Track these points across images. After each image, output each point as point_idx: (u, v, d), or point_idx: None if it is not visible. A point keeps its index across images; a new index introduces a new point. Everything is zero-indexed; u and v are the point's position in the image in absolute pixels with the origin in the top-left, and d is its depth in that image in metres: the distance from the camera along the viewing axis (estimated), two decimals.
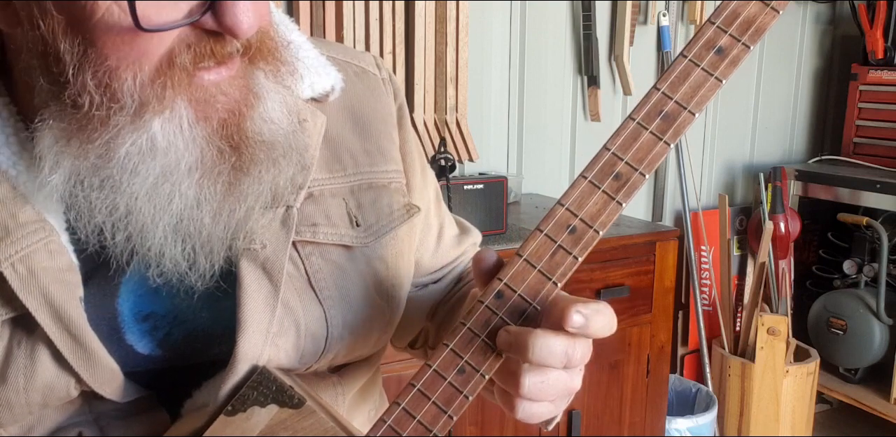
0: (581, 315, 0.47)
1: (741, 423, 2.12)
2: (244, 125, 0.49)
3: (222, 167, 0.49)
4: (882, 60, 2.24)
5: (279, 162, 0.52)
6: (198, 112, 0.47)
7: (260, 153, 0.50)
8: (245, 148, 0.49)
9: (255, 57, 0.50)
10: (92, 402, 0.54)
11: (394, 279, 0.64)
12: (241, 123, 0.49)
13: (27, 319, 0.50)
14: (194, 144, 0.48)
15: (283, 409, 0.51)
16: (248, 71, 0.50)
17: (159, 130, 0.47)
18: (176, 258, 0.50)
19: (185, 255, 0.50)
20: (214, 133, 0.48)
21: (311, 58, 0.61)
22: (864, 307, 2.18)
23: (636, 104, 0.49)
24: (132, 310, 0.54)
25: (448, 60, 1.74)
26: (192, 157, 0.48)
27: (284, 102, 0.52)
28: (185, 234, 0.50)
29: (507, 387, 0.50)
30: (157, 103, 0.46)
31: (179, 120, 0.47)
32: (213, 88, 0.48)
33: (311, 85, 0.61)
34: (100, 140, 0.46)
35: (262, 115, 0.50)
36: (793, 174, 2.31)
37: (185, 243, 0.50)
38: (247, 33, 0.46)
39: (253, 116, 0.50)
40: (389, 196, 0.65)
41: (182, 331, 0.56)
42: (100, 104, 0.46)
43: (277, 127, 0.51)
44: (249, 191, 0.51)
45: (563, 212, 0.49)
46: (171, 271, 0.51)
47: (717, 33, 0.48)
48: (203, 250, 0.51)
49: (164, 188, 0.48)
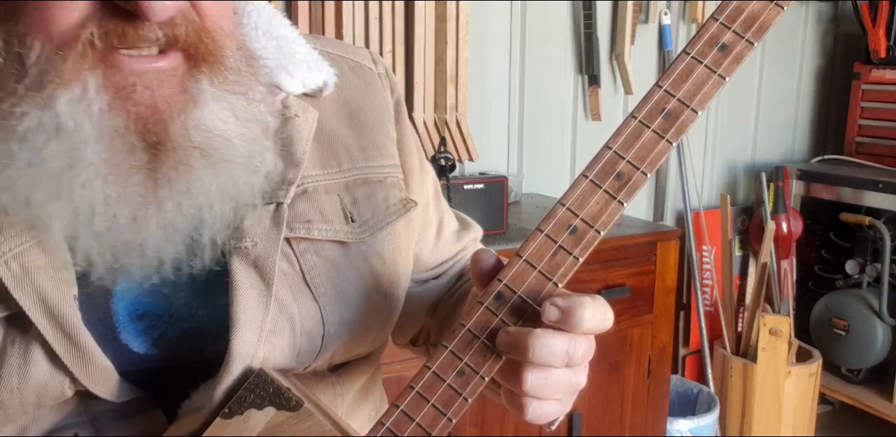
0: (556, 308, 0.47)
1: (743, 424, 2.12)
2: (167, 126, 0.47)
3: (135, 165, 0.46)
4: (884, 59, 2.24)
5: (223, 171, 0.49)
6: (113, 99, 0.45)
7: (191, 160, 0.48)
8: (168, 151, 0.47)
9: (196, 59, 0.48)
10: (88, 403, 0.53)
11: (391, 275, 0.63)
12: (163, 123, 0.47)
13: (21, 317, 0.49)
14: (103, 133, 0.45)
15: (280, 411, 0.51)
16: (188, 74, 0.48)
17: (65, 109, 0.45)
18: (90, 254, 0.48)
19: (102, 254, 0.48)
20: (129, 127, 0.46)
21: (303, 53, 0.61)
22: (866, 308, 2.18)
23: (638, 102, 0.49)
24: (127, 309, 0.54)
25: (448, 60, 1.74)
26: (99, 147, 0.45)
27: (233, 109, 0.50)
28: (100, 231, 0.47)
29: (509, 385, 0.50)
30: (58, 76, 0.44)
31: (89, 103, 0.45)
32: (132, 76, 0.46)
33: (303, 80, 0.60)
34: (1, 106, 0.45)
35: (196, 121, 0.48)
36: (795, 174, 2.31)
37: (102, 241, 0.48)
38: (157, 16, 0.44)
39: (183, 120, 0.47)
40: (385, 191, 0.64)
41: (177, 330, 0.55)
42: (5, 69, 0.45)
43: (217, 136, 0.49)
44: (178, 197, 0.48)
45: (563, 212, 0.48)
46: (95, 270, 0.49)
47: (721, 30, 0.48)
48: (134, 252, 0.49)
49: (67, 176, 0.46)
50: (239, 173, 0.51)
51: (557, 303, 0.47)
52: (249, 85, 0.52)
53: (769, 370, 2.06)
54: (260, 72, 0.55)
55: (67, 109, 0.45)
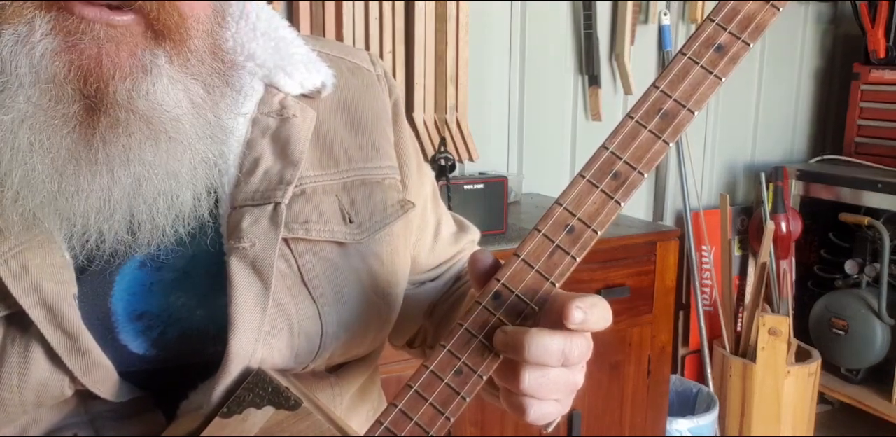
0: (581, 311, 0.47)
1: (742, 423, 2.12)
2: (110, 86, 0.46)
3: (65, 114, 0.45)
4: (884, 60, 2.24)
5: (165, 147, 0.48)
6: (58, 46, 0.45)
7: (132, 126, 0.47)
8: (107, 110, 0.46)
9: (158, 30, 0.47)
10: (87, 402, 0.53)
11: (389, 276, 0.63)
12: (105, 80, 0.46)
13: (21, 316, 0.49)
14: (38, 78, 0.44)
15: (279, 411, 0.51)
16: (146, 42, 0.47)
17: (8, 48, 0.44)
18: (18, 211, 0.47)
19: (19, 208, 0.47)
20: (67, 76, 0.45)
21: (301, 54, 0.61)
22: (865, 308, 2.18)
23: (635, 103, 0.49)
24: (126, 309, 0.54)
25: (448, 60, 1.74)
26: (33, 91, 0.44)
27: (189, 94, 0.49)
28: (21, 184, 0.46)
29: (508, 385, 0.50)
30: (3, 12, 0.44)
31: (32, 46, 0.44)
32: (84, 25, 0.45)
33: (301, 81, 0.60)
34: None
35: (143, 90, 0.47)
36: (794, 174, 2.31)
37: (25, 194, 0.46)
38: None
39: (129, 85, 0.46)
40: (383, 192, 0.64)
41: (176, 331, 0.55)
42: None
43: (164, 111, 0.48)
44: (108, 161, 0.47)
45: (560, 211, 0.49)
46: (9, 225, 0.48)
47: (717, 31, 0.48)
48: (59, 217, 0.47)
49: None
50: (185, 157, 0.50)
51: (580, 306, 0.47)
52: (211, 77, 0.51)
53: (768, 370, 2.07)
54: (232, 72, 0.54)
55: (10, 48, 0.44)
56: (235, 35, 0.58)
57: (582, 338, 0.49)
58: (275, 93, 0.60)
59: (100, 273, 0.53)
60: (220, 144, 0.52)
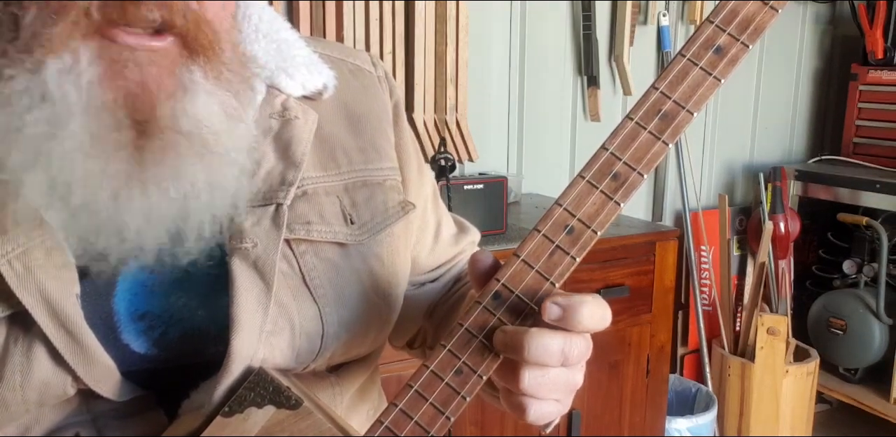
0: (557, 306, 0.47)
1: (741, 423, 2.12)
2: (155, 108, 0.47)
3: (120, 141, 0.46)
4: (882, 60, 2.24)
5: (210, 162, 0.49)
6: (104, 74, 0.46)
7: (179, 146, 0.48)
8: (155, 132, 0.47)
9: (193, 48, 0.48)
10: (90, 402, 0.53)
11: (390, 277, 0.64)
12: (151, 103, 0.47)
13: (24, 316, 0.50)
14: (89, 106, 0.45)
15: (280, 410, 0.51)
16: (183, 62, 0.48)
17: (54, 77, 0.45)
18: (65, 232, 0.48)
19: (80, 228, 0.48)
20: (117, 102, 0.46)
21: (302, 56, 0.61)
22: (863, 307, 2.18)
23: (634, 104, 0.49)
24: (128, 309, 0.54)
25: (448, 60, 1.74)
26: (84, 118, 0.45)
27: (224, 106, 0.50)
28: (77, 206, 0.47)
29: (507, 384, 0.50)
30: (48, 42, 0.44)
31: (79, 74, 0.45)
32: (126, 52, 0.46)
33: (303, 83, 0.60)
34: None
35: (185, 109, 0.48)
36: (792, 174, 2.31)
37: (81, 217, 0.47)
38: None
39: (172, 105, 0.48)
40: (384, 193, 0.64)
41: (178, 330, 0.55)
42: (2, 33, 0.45)
43: (205, 127, 0.49)
44: (160, 179, 0.48)
45: (560, 212, 0.49)
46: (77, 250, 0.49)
47: (716, 32, 0.48)
48: (111, 235, 0.48)
49: (47, 146, 0.45)
50: (227, 169, 0.51)
51: (558, 301, 0.47)
52: (239, 85, 0.52)
53: (767, 370, 2.07)
54: (253, 76, 0.55)
55: (56, 77, 0.45)
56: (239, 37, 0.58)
57: (581, 338, 0.49)
58: (277, 94, 0.60)
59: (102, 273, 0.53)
60: (254, 151, 0.53)
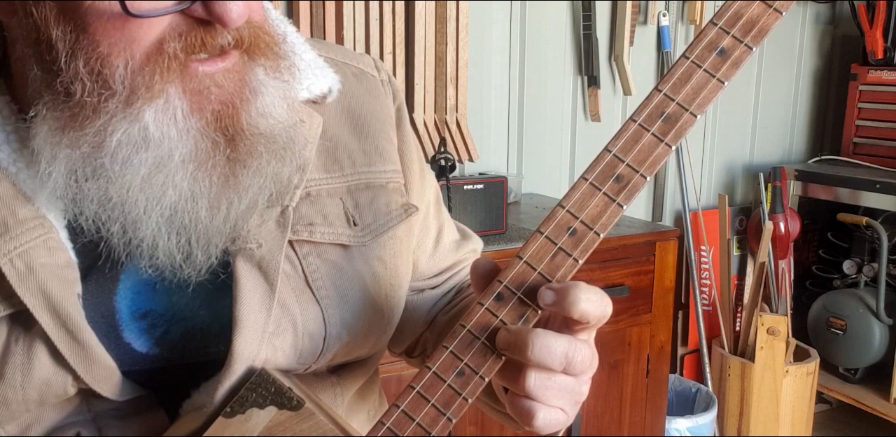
0: (550, 290, 0.47)
1: (741, 423, 2.13)
2: (239, 118, 0.49)
3: (217, 159, 0.49)
4: (882, 60, 2.24)
5: (281, 155, 0.52)
6: (192, 103, 0.47)
7: (259, 146, 0.50)
8: (241, 140, 0.50)
9: (253, 52, 0.50)
10: (90, 401, 0.54)
11: (392, 279, 0.64)
12: (235, 115, 0.49)
13: (25, 315, 0.50)
14: (188, 136, 0.48)
15: (281, 411, 0.51)
16: (247, 66, 0.50)
17: (152, 121, 0.47)
18: (170, 250, 0.51)
19: (180, 247, 0.51)
20: (209, 125, 0.48)
21: (307, 60, 0.61)
22: (863, 307, 2.18)
23: (638, 105, 0.49)
24: (130, 308, 0.54)
25: (448, 60, 1.74)
26: (185, 148, 0.48)
27: (285, 97, 0.52)
28: (179, 226, 0.50)
29: (511, 386, 0.50)
30: (147, 91, 0.46)
31: (173, 111, 0.47)
32: (207, 80, 0.48)
33: (308, 87, 0.61)
34: (91, 128, 0.47)
35: (259, 109, 0.50)
36: (792, 174, 2.31)
37: (181, 236, 0.50)
38: (236, 22, 0.46)
39: (249, 109, 0.50)
40: (387, 196, 0.65)
41: (180, 330, 0.56)
42: (91, 91, 0.46)
43: (276, 122, 0.51)
44: (249, 183, 0.51)
45: (563, 214, 0.49)
46: (165, 264, 0.51)
47: (720, 34, 0.48)
48: (199, 243, 0.51)
49: (158, 179, 0.48)
50: (288, 158, 0.53)
51: (551, 286, 0.48)
52: (289, 69, 0.54)
53: (767, 370, 2.07)
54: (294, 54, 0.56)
55: (154, 119, 0.47)
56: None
57: (585, 344, 0.49)
58: None
59: (105, 272, 0.53)
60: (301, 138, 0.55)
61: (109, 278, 0.54)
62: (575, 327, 0.49)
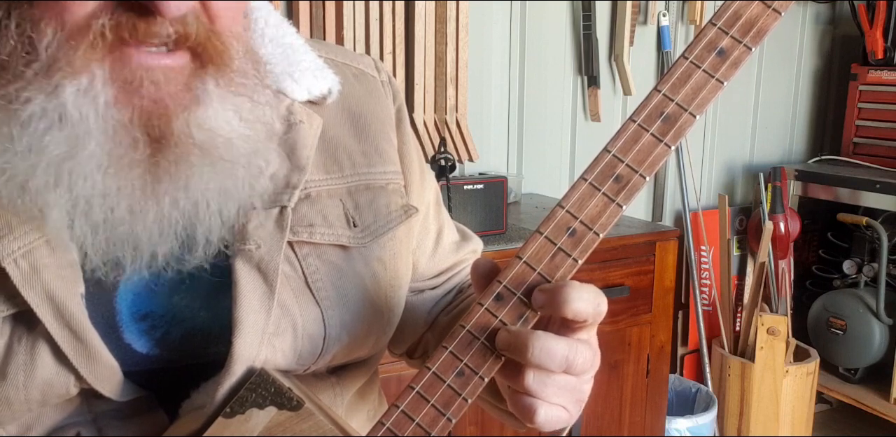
0: (541, 292, 0.47)
1: (741, 423, 2.13)
2: (171, 122, 0.47)
3: (136, 159, 0.47)
4: (882, 60, 2.24)
5: (223, 170, 0.50)
6: (119, 93, 0.46)
7: (191, 157, 0.48)
8: (169, 146, 0.48)
9: (204, 59, 0.49)
10: (91, 402, 0.54)
11: (392, 280, 0.64)
12: (167, 118, 0.47)
13: (28, 315, 0.50)
14: (107, 126, 0.46)
15: (281, 411, 0.51)
16: (195, 73, 0.49)
17: (71, 100, 0.45)
18: (86, 244, 0.49)
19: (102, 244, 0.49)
20: (132, 121, 0.46)
21: (307, 60, 0.61)
22: (863, 307, 2.18)
23: (637, 106, 0.49)
24: (130, 309, 0.54)
25: (448, 60, 1.74)
26: (102, 138, 0.46)
27: (238, 111, 0.51)
28: (96, 222, 0.48)
29: (511, 383, 0.50)
30: (68, 65, 0.45)
31: (95, 95, 0.45)
32: (140, 71, 0.46)
33: (308, 88, 0.61)
34: (4, 90, 0.45)
35: (199, 120, 0.48)
36: (792, 174, 2.31)
37: (98, 232, 0.48)
38: (171, 11, 0.44)
39: (186, 117, 0.48)
40: (387, 197, 0.64)
41: (180, 331, 0.55)
42: (13, 51, 0.45)
43: (219, 136, 0.49)
44: (178, 194, 0.49)
45: (563, 214, 0.49)
46: (96, 264, 0.50)
47: (719, 35, 0.48)
48: (129, 246, 0.49)
49: (67, 165, 0.46)
50: (239, 173, 0.51)
51: (543, 288, 0.48)
52: (255, 88, 0.52)
53: (767, 370, 2.07)
54: (266, 76, 0.55)
55: (73, 99, 0.45)
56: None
57: (586, 346, 0.49)
58: (282, 99, 0.60)
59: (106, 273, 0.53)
60: (267, 151, 0.54)
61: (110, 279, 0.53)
62: (572, 326, 0.49)
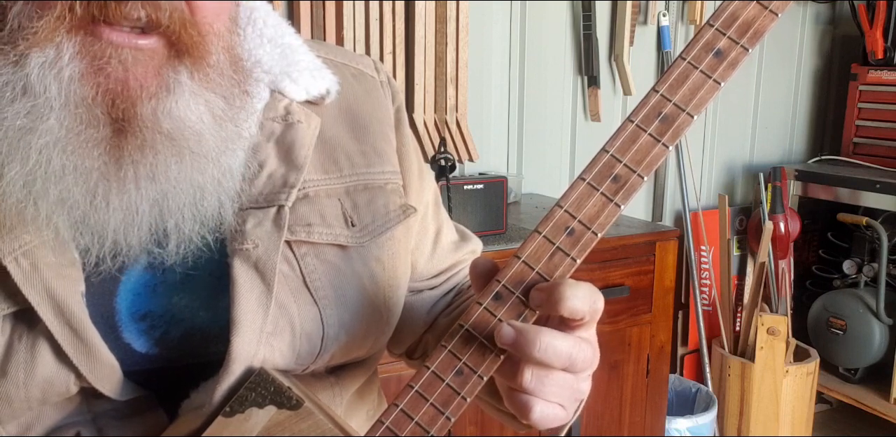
0: (538, 291, 0.48)
1: (741, 423, 2.13)
2: (136, 107, 0.47)
3: (96, 138, 0.46)
4: (882, 60, 2.24)
5: (189, 162, 0.50)
6: (86, 68, 0.46)
7: (157, 144, 0.48)
8: (134, 131, 0.47)
9: (179, 49, 0.49)
10: (91, 401, 0.54)
11: (390, 279, 0.64)
12: (132, 101, 0.47)
13: (29, 313, 0.50)
14: (69, 100, 0.45)
15: (281, 410, 0.51)
16: (168, 62, 0.48)
17: (36, 71, 0.45)
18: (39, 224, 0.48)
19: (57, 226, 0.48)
20: (95, 99, 0.46)
21: (306, 61, 0.61)
22: (863, 307, 2.18)
23: (635, 106, 0.49)
24: (129, 309, 0.55)
25: (448, 60, 1.74)
26: (63, 113, 0.45)
27: (210, 108, 0.51)
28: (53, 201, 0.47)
29: (509, 381, 0.50)
30: (34, 36, 0.45)
31: (61, 67, 0.45)
32: (109, 49, 0.46)
33: (307, 88, 0.61)
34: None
35: (165, 109, 0.48)
36: (792, 174, 2.31)
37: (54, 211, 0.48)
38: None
39: (154, 104, 0.48)
40: (385, 197, 0.65)
41: (179, 330, 0.56)
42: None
43: (187, 127, 0.49)
44: (140, 181, 0.48)
45: (561, 214, 0.49)
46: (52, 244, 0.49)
47: (716, 36, 0.48)
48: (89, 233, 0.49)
49: (27, 139, 0.46)
50: (208, 168, 0.51)
51: (539, 287, 0.48)
52: (230, 89, 0.52)
53: (767, 370, 2.07)
54: (247, 81, 0.55)
55: (38, 71, 0.45)
56: (243, 41, 0.59)
57: (589, 345, 0.49)
58: (280, 99, 0.60)
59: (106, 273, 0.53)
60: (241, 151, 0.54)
61: (110, 279, 0.54)
62: (571, 324, 0.49)
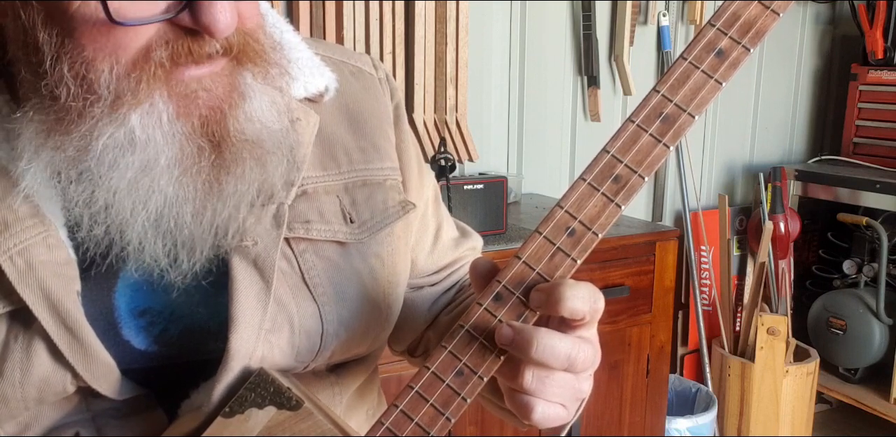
0: (538, 291, 0.48)
1: (741, 423, 2.13)
2: (226, 123, 0.49)
3: (202, 165, 0.49)
4: (882, 60, 2.24)
5: (265, 161, 0.52)
6: (178, 107, 0.47)
7: (244, 152, 0.50)
8: (227, 146, 0.49)
9: (241, 58, 0.50)
10: (89, 401, 0.54)
11: (390, 276, 0.64)
12: (223, 120, 0.49)
13: (24, 313, 0.50)
14: (174, 140, 0.48)
15: (280, 411, 0.51)
16: (235, 71, 0.50)
17: (138, 124, 0.47)
18: (156, 255, 0.51)
19: (166, 251, 0.51)
20: (195, 130, 0.48)
21: (304, 58, 0.61)
22: (863, 307, 2.18)
23: (636, 106, 0.49)
24: (128, 305, 0.54)
25: (448, 60, 1.74)
26: (171, 152, 0.48)
27: (274, 102, 0.52)
28: (165, 230, 0.50)
29: (510, 382, 0.50)
30: (133, 97, 0.46)
31: (158, 115, 0.47)
32: (193, 84, 0.48)
33: (305, 85, 0.61)
34: (77, 132, 0.47)
35: (247, 114, 0.50)
36: (792, 174, 2.31)
37: (166, 240, 0.50)
38: (223, 33, 0.46)
39: (237, 114, 0.50)
40: (384, 193, 0.65)
41: (178, 327, 0.56)
42: (76, 95, 0.46)
43: (263, 127, 0.51)
44: (233, 190, 0.51)
45: (562, 214, 0.49)
46: (152, 267, 0.52)
47: (718, 35, 0.48)
48: (185, 248, 0.51)
49: (143, 183, 0.48)
50: (275, 163, 0.53)
51: (539, 288, 0.48)
52: (283, 76, 0.54)
53: (767, 370, 2.07)
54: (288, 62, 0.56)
55: (140, 123, 0.47)
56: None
57: (589, 345, 0.49)
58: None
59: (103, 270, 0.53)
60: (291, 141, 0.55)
61: (108, 276, 0.54)
62: (571, 324, 0.49)
